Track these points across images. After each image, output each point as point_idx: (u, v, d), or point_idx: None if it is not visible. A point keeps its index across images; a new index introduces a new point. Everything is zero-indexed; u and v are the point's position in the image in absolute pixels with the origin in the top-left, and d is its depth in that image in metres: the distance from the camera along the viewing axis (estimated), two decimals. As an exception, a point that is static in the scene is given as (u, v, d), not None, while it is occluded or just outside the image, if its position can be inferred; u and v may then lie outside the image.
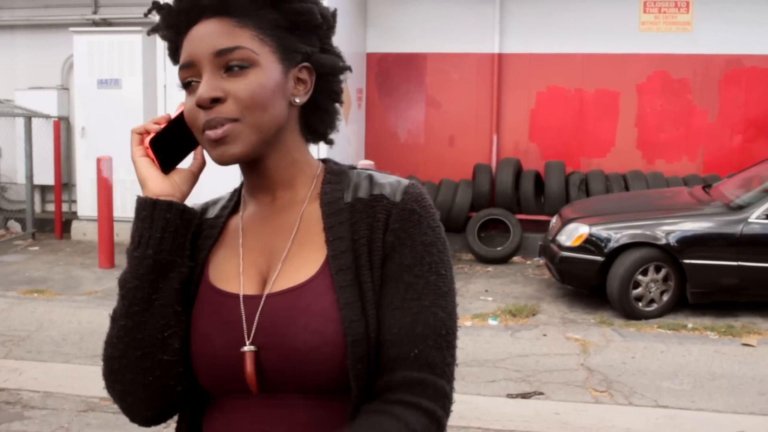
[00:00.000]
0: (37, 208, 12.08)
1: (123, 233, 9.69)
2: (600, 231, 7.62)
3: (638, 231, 7.52)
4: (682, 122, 10.63)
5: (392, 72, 11.20)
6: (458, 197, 10.33)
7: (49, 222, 11.68)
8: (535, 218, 10.37)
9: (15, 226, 11.83)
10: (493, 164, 10.84)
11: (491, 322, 7.28)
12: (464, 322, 7.24)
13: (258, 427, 1.27)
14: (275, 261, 1.31)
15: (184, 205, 1.32)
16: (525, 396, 5.55)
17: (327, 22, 1.34)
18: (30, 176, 11.26)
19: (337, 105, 1.40)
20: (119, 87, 10.69)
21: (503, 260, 9.93)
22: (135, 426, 1.40)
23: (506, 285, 8.79)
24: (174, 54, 1.35)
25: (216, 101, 1.23)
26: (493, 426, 5.00)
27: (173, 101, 9.34)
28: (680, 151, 10.64)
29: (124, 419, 1.40)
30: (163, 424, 1.40)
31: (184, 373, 1.31)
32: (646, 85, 10.64)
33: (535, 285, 8.76)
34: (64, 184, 11.69)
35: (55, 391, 5.45)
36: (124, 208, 10.00)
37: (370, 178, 1.35)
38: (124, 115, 10.43)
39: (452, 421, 4.66)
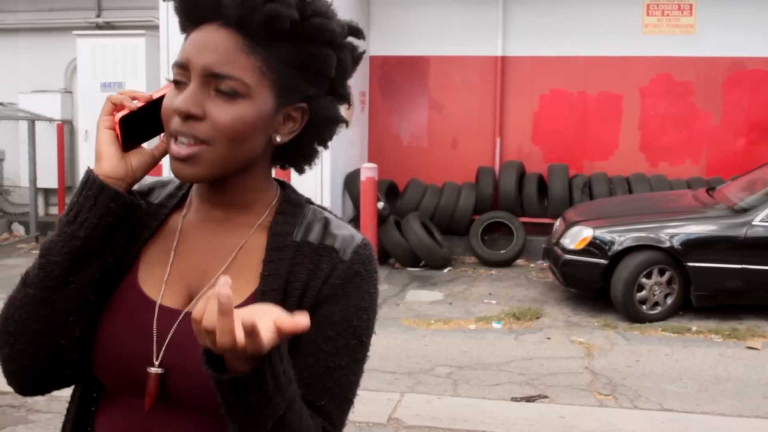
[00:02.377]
0: (41, 211, 12.09)
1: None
2: (604, 234, 7.61)
3: (642, 234, 7.51)
4: (685, 125, 10.62)
5: (395, 75, 11.20)
6: (461, 200, 10.32)
7: (52, 225, 11.66)
8: (539, 221, 10.36)
9: (18, 229, 11.84)
10: (497, 167, 10.83)
11: (495, 325, 7.27)
12: (468, 326, 7.24)
13: (145, 429, 1.26)
14: (205, 281, 1.27)
15: (131, 199, 1.25)
16: (529, 399, 5.54)
17: (344, 71, 1.29)
18: (33, 179, 11.26)
19: (320, 147, 1.35)
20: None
21: (507, 263, 9.92)
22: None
23: (510, 288, 8.78)
24: (183, 27, 1.28)
25: (192, 117, 1.19)
26: (497, 429, 4.99)
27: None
28: (684, 153, 10.63)
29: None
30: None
31: (76, 361, 1.28)
32: (649, 88, 10.63)
33: (539, 288, 8.75)
34: (68, 187, 11.69)
35: (60, 395, 5.36)
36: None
37: (325, 223, 1.31)
38: (128, 118, 10.44)
39: (457, 424, 4.68)
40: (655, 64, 10.55)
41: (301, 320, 1.03)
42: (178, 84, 1.22)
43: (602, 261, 7.51)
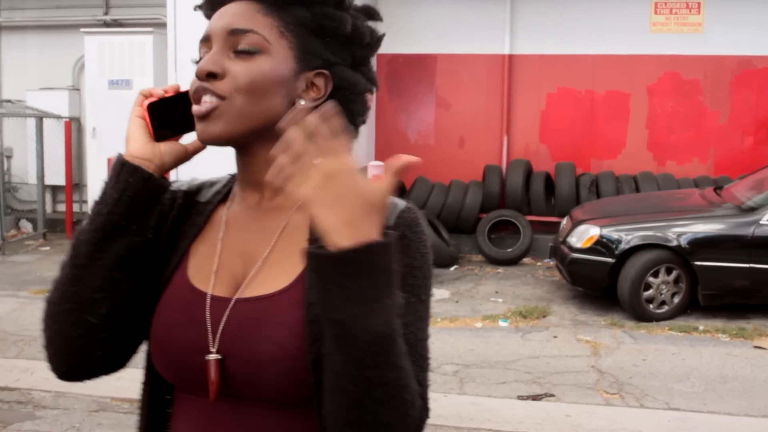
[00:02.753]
0: (48, 208, 12.13)
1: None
2: (611, 232, 7.60)
3: (649, 233, 7.50)
4: (693, 124, 10.60)
5: (402, 73, 11.20)
6: (468, 198, 10.32)
7: (60, 222, 11.72)
8: (546, 219, 10.35)
9: (26, 226, 11.87)
10: (504, 165, 10.82)
11: (502, 323, 7.27)
12: (474, 324, 7.24)
13: (216, 426, 1.26)
14: (251, 265, 1.27)
15: (150, 174, 1.26)
16: (536, 398, 5.54)
17: (361, 37, 1.31)
18: (41, 176, 11.30)
19: (351, 126, 1.33)
20: (130, 87, 10.71)
21: (513, 262, 9.91)
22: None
23: (516, 286, 8.77)
24: (207, 16, 1.35)
25: (212, 76, 1.22)
26: (503, 428, 4.99)
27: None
28: (691, 152, 10.61)
29: (135, 419, 1.40)
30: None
31: (107, 341, 1.29)
32: (656, 87, 10.61)
33: (546, 286, 8.75)
34: (75, 184, 11.73)
35: (67, 391, 5.46)
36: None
37: None
38: (135, 115, 10.46)
39: (463, 422, 4.68)
40: (662, 62, 10.53)
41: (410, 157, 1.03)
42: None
43: (609, 260, 7.50)
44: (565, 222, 8.51)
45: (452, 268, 9.57)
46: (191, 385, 1.27)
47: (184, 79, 1.37)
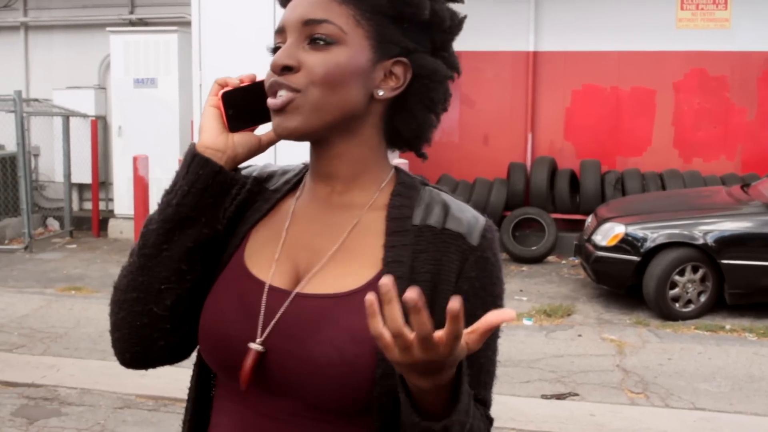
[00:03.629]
0: (75, 206, 12.24)
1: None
2: (636, 230, 7.55)
3: (675, 231, 7.44)
4: (719, 120, 10.50)
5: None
6: (492, 196, 10.29)
7: (86, 220, 11.81)
8: (571, 217, 10.30)
9: (53, 224, 11.98)
10: (528, 163, 10.78)
11: (526, 322, 7.24)
12: (498, 322, 7.21)
13: (250, 421, 1.24)
14: (315, 260, 1.23)
15: (220, 167, 1.24)
16: (560, 397, 5.51)
17: (441, 22, 1.25)
18: (68, 175, 11.40)
19: (432, 115, 1.29)
20: (155, 86, 10.79)
21: (538, 260, 9.87)
22: (170, 424, 1.40)
23: (541, 285, 8.74)
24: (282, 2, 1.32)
25: (287, 69, 1.19)
26: (527, 427, 4.97)
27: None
28: (718, 149, 10.51)
29: (159, 416, 1.41)
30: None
31: (170, 331, 1.28)
32: (683, 83, 10.52)
33: (571, 285, 8.70)
34: (102, 182, 11.82)
35: (92, 388, 5.50)
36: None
37: (445, 206, 1.26)
38: (160, 114, 10.54)
39: (487, 422, 4.53)
40: (689, 58, 10.44)
41: (506, 313, 0.98)
42: (277, 51, 1.23)
43: (634, 258, 7.45)
44: (590, 220, 8.46)
45: (476, 266, 9.53)
46: (231, 372, 1.23)
47: (210, 77, 1.37)
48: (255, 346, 1.18)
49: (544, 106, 10.92)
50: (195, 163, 1.24)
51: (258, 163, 1.41)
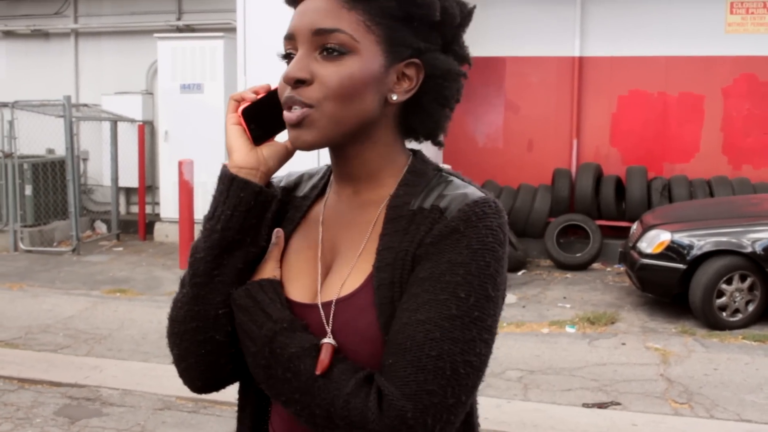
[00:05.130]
0: (122, 209, 12.42)
1: (203, 235, 9.87)
2: (682, 238, 7.42)
3: (723, 238, 7.30)
4: (770, 127, 10.30)
5: (471, 76, 10.85)
6: (537, 202, 10.21)
7: (133, 223, 11.97)
8: (616, 224, 10.17)
9: (101, 227, 12.16)
10: (573, 169, 10.68)
11: (568, 329, 7.16)
12: (540, 329, 7.14)
13: None
14: (344, 264, 1.26)
15: (260, 186, 1.25)
16: (601, 406, 5.43)
17: (451, 18, 1.24)
18: (115, 179, 11.57)
19: (446, 110, 1.30)
20: (201, 91, 10.89)
21: (582, 267, 9.76)
22: (209, 426, 1.40)
23: (585, 292, 8.63)
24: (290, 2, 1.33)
25: (301, 83, 1.19)
26: (567, 436, 4.91)
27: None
28: (768, 156, 10.31)
29: (199, 418, 1.41)
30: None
31: (237, 353, 1.28)
32: (732, 89, 10.33)
33: (615, 292, 8.59)
34: (148, 186, 11.97)
35: (134, 389, 5.56)
36: (205, 211, 10.09)
37: (446, 185, 1.25)
38: (206, 119, 10.64)
39: (526, 429, 4.60)
40: (738, 63, 10.25)
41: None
42: (288, 58, 1.24)
43: (680, 266, 7.32)
44: (635, 227, 8.34)
45: (520, 273, 9.47)
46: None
47: (254, 83, 1.38)
48: (329, 340, 1.18)
49: (589, 112, 10.81)
50: (235, 186, 1.24)
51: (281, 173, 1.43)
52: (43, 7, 12.82)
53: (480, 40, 10.85)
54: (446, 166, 1.34)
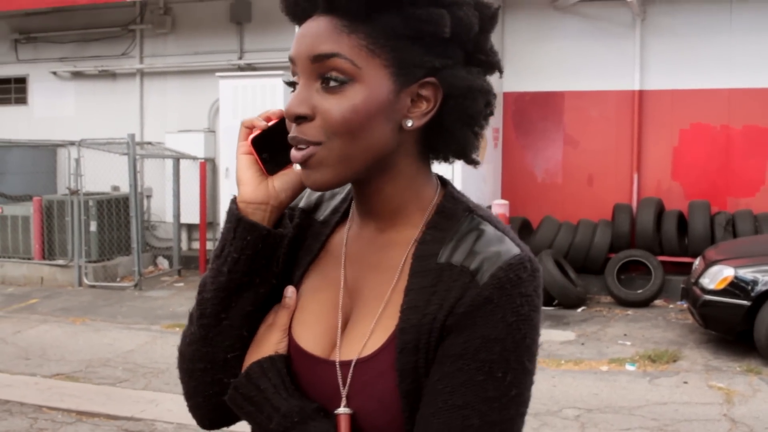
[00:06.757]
0: (184, 245, 12.59)
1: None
2: (746, 273, 7.23)
3: (788, 274, 7.09)
4: (839, 160, 10.03)
5: (529, 111, 11.09)
6: (597, 238, 10.07)
7: (194, 259, 12.13)
8: (678, 260, 9.96)
9: (163, 262, 12.36)
10: (634, 204, 10.52)
11: (629, 367, 7.01)
12: (600, 367, 7.01)
13: None
14: (363, 316, 1.17)
15: (268, 230, 1.17)
16: (661, 446, 5.29)
17: (467, 29, 1.11)
18: (177, 215, 11.76)
19: (474, 128, 1.16)
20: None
21: (644, 303, 9.57)
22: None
23: (646, 329, 8.45)
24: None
25: (303, 119, 1.09)
26: (625, 476, 4.79)
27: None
28: (837, 190, 10.03)
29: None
30: None
31: None
32: (798, 121, 10.10)
33: (677, 330, 8.39)
34: (209, 222, 12.13)
35: (188, 423, 5.57)
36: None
37: (478, 237, 1.13)
38: (265, 156, 10.74)
39: (579, 470, 4.33)
40: (804, 95, 10.03)
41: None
42: (293, 86, 1.14)
43: (744, 302, 7.12)
44: (697, 262, 8.16)
45: (579, 309, 9.33)
46: None
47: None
48: (344, 410, 1.13)
49: (650, 146, 10.66)
50: (241, 228, 1.17)
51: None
52: (111, 48, 13.18)
53: (538, 75, 10.84)
54: (479, 205, 1.21)
